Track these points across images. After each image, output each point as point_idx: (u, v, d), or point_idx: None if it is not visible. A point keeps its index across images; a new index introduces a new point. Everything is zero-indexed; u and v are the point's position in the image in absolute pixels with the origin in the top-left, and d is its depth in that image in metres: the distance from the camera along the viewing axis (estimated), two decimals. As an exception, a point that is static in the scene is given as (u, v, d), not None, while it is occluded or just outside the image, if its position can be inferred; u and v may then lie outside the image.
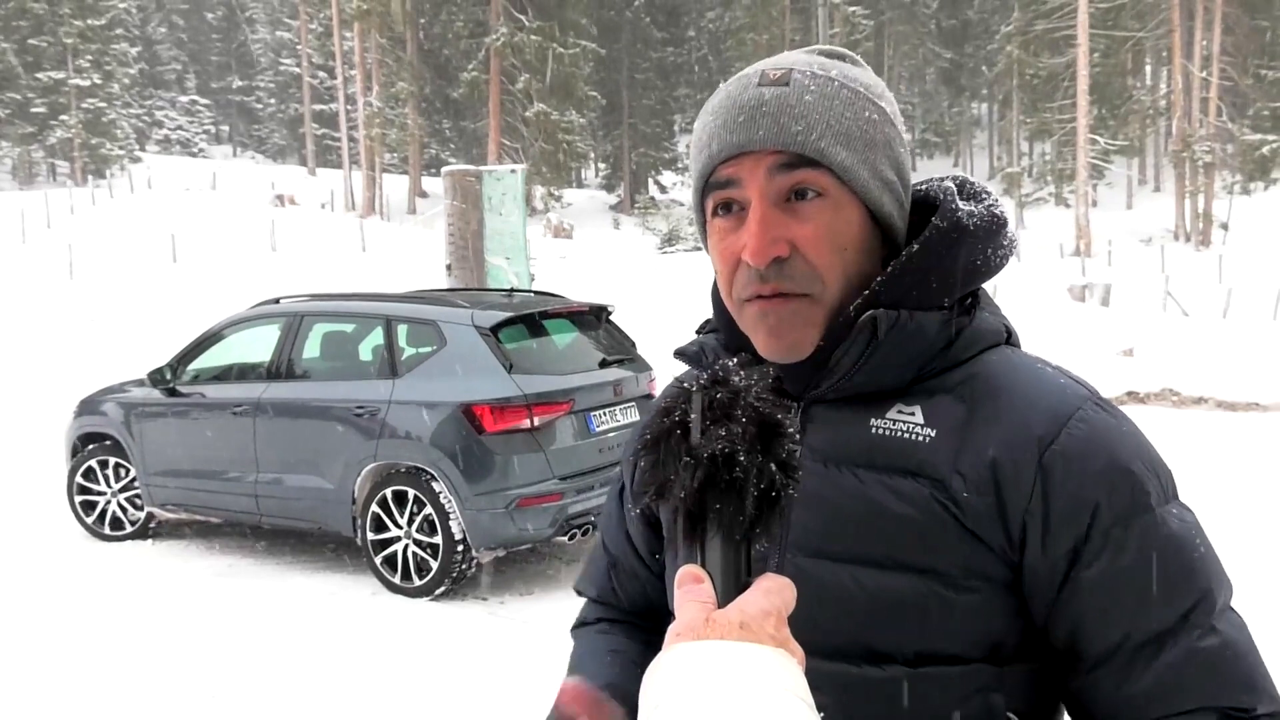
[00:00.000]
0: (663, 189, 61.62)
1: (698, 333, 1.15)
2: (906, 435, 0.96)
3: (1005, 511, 0.92)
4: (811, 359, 0.98)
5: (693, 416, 0.71)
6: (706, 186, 0.99)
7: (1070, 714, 0.99)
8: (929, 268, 0.98)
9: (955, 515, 0.93)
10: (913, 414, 0.97)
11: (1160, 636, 0.90)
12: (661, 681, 0.63)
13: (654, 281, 22.43)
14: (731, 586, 0.69)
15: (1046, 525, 0.92)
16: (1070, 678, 0.95)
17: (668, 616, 1.20)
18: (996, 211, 1.02)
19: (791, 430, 0.72)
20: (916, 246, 0.98)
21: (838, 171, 0.94)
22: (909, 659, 0.94)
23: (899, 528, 0.94)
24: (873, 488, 0.96)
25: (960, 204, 1.02)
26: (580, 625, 1.30)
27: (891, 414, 0.98)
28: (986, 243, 1.00)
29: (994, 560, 0.93)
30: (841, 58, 1.02)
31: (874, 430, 0.98)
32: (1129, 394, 11.91)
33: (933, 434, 0.96)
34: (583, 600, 1.34)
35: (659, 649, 1.18)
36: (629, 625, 1.25)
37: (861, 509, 0.96)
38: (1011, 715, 0.95)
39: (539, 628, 5.26)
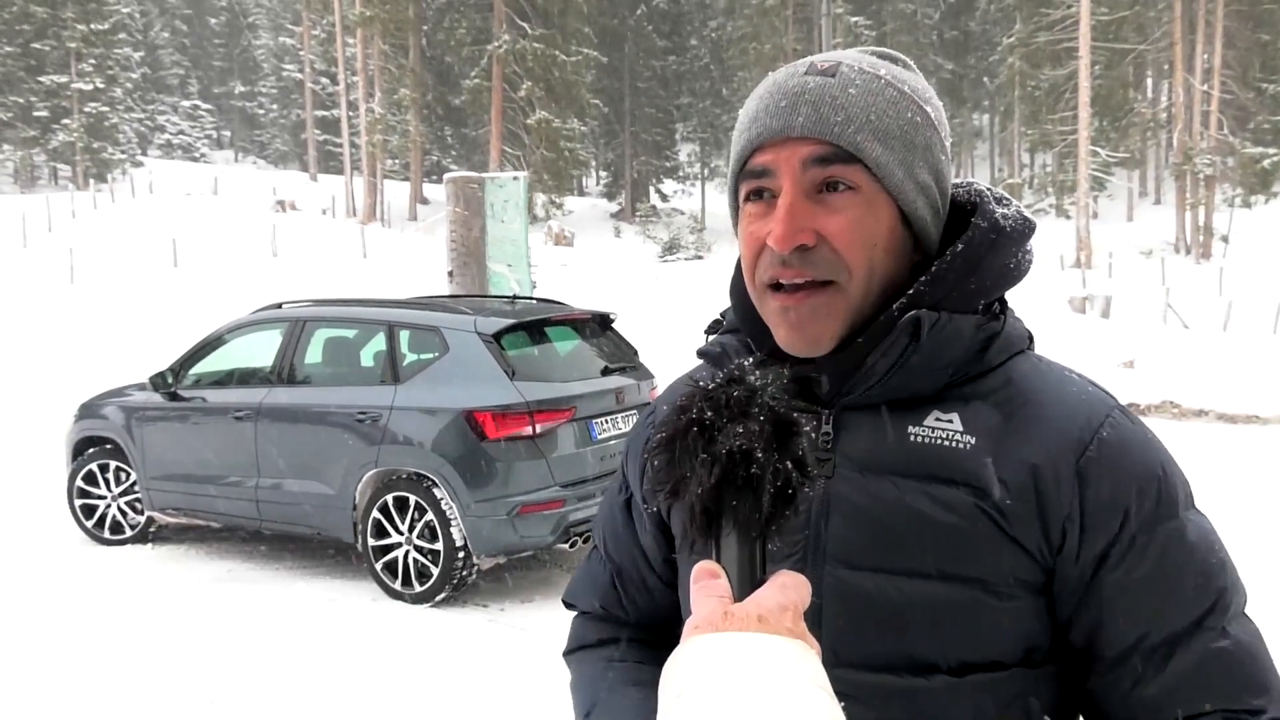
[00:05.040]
0: (664, 197, 61.69)
1: (708, 332, 1.14)
2: (946, 443, 0.95)
3: (1046, 517, 0.93)
4: (844, 363, 0.98)
5: (709, 414, 0.72)
6: (742, 172, 0.99)
7: (1085, 714, 0.99)
8: (969, 270, 0.97)
9: (998, 523, 0.93)
10: (951, 421, 0.96)
11: (1174, 639, 0.91)
12: (682, 672, 0.64)
13: (655, 290, 22.45)
14: (747, 582, 0.70)
15: (1083, 529, 0.93)
16: (1087, 678, 0.96)
17: (678, 625, 1.18)
18: (1026, 215, 1.02)
19: (807, 429, 0.73)
20: (961, 247, 0.98)
21: (872, 168, 0.94)
22: (953, 668, 0.93)
23: (941, 537, 0.93)
24: (913, 496, 0.94)
25: (995, 206, 1.02)
26: (581, 649, 1.23)
27: (929, 421, 0.97)
28: (1018, 246, 1.00)
29: (1033, 566, 0.94)
30: (894, 60, 1.02)
31: (912, 438, 0.96)
32: (1129, 405, 11.89)
33: (973, 441, 0.95)
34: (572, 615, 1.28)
35: (662, 660, 1.17)
36: (640, 645, 1.18)
37: (902, 518, 0.94)
38: (1048, 719, 0.95)
39: (539, 635, 5.26)
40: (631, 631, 1.21)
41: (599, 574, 1.24)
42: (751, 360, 0.77)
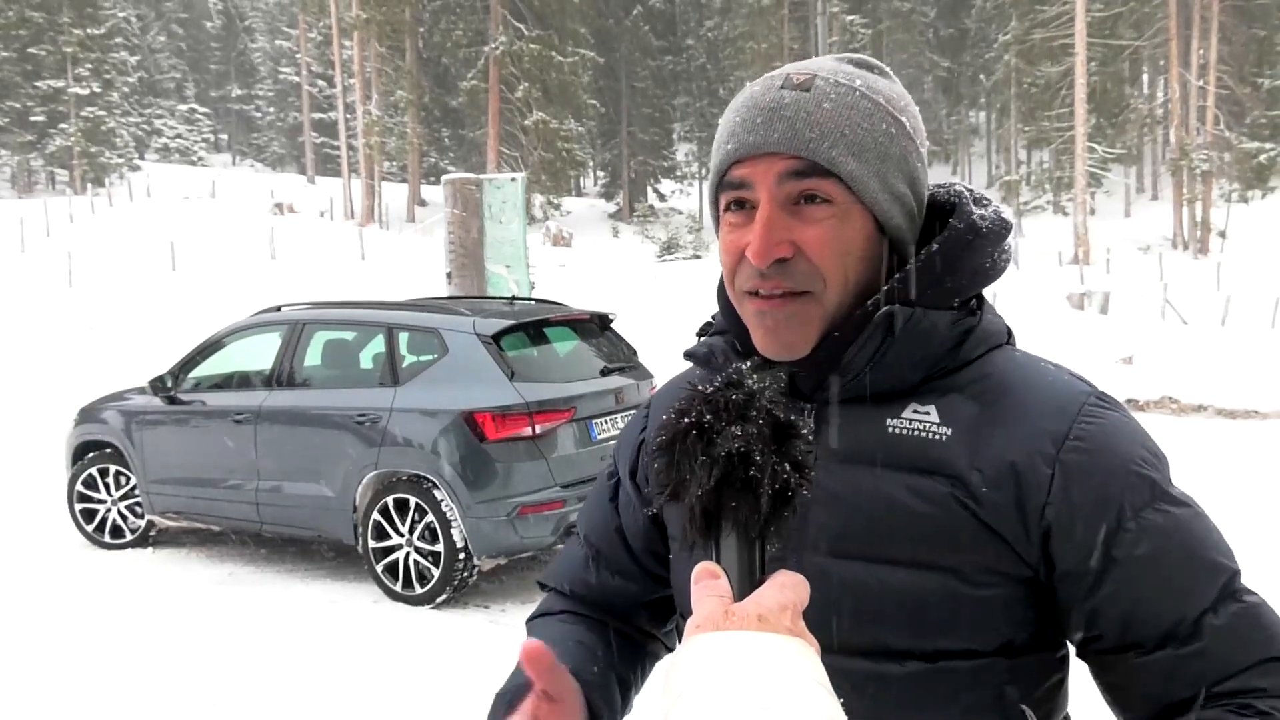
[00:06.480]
0: (661, 197, 61.68)
1: (699, 335, 1.16)
2: (923, 434, 0.98)
3: (1024, 507, 0.95)
4: (824, 358, 1.00)
5: (708, 418, 0.73)
6: (721, 183, 1.02)
7: (1115, 698, 0.99)
8: (944, 268, 1.00)
9: (974, 512, 0.95)
10: (928, 413, 0.99)
11: (1212, 607, 0.93)
12: (684, 671, 0.65)
13: (653, 289, 22.46)
14: (747, 582, 0.72)
15: (1073, 520, 0.94)
16: (1123, 661, 0.96)
17: (642, 615, 1.23)
18: (1004, 216, 1.05)
19: (805, 432, 0.74)
20: (936, 247, 1.01)
21: (847, 181, 0.96)
22: (927, 654, 0.96)
23: (919, 526, 0.96)
24: (891, 486, 0.97)
25: (973, 208, 1.05)
26: (540, 616, 1.28)
27: (907, 413, 0.99)
28: (994, 246, 1.03)
29: (1011, 556, 0.96)
30: (870, 68, 1.04)
31: (890, 429, 0.99)
32: (1128, 401, 11.93)
33: (949, 432, 0.98)
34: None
35: (624, 647, 1.21)
36: (593, 620, 1.24)
37: (880, 508, 0.97)
38: (1025, 708, 0.97)
39: (540, 635, 5.26)
40: (593, 612, 1.25)
41: (575, 556, 1.28)
42: (749, 364, 0.78)
